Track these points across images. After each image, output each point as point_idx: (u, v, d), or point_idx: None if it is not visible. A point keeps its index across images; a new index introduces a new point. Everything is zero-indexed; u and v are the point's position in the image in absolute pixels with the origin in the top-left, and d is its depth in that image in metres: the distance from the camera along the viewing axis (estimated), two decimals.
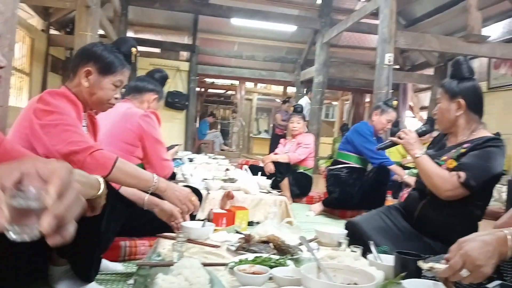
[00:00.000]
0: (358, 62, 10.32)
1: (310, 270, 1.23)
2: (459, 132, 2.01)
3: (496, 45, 6.03)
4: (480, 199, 1.95)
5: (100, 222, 1.52)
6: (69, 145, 1.53)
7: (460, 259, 1.00)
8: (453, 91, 1.97)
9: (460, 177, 1.83)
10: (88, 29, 4.89)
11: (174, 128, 9.51)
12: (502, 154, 1.88)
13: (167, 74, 2.76)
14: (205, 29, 9.60)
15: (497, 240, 0.99)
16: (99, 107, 1.78)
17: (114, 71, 1.73)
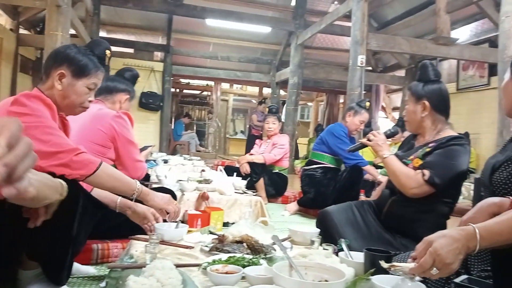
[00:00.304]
0: (332, 64, 10.47)
1: (282, 268, 1.25)
2: (426, 133, 2.09)
3: (464, 48, 6.23)
4: (447, 197, 2.01)
5: (72, 225, 1.50)
6: (53, 146, 1.51)
7: (430, 258, 1.02)
8: (419, 94, 2.06)
9: (425, 175, 1.90)
10: (59, 28, 4.79)
11: (149, 129, 9.40)
12: (466, 152, 1.95)
13: (138, 72, 2.72)
14: (179, 29, 9.54)
15: (466, 236, 1.01)
16: (71, 110, 1.75)
17: (88, 74, 1.70)
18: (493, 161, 1.41)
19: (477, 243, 1.00)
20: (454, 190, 2.03)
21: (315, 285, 1.14)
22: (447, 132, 2.03)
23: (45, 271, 1.56)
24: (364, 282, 1.24)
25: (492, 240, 1.01)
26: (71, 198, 1.47)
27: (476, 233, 1.00)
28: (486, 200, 1.26)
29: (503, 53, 4.04)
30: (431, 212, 2.00)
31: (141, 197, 1.75)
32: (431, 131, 2.07)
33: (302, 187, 4.23)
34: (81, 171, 1.52)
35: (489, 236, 1.01)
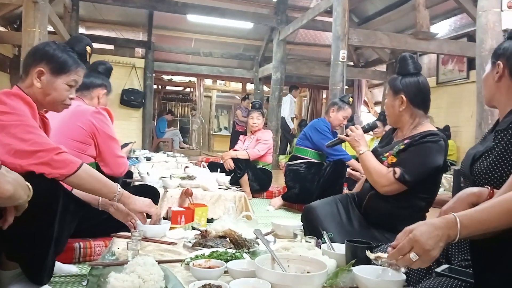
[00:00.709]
0: (314, 59, 10.51)
1: (265, 261, 1.25)
2: (404, 127, 2.10)
3: (444, 42, 6.33)
4: (424, 192, 2.03)
5: (51, 224, 1.48)
6: (33, 145, 1.48)
7: (408, 244, 1.03)
8: (396, 88, 2.06)
9: (396, 173, 1.93)
10: (37, 25, 4.70)
11: (131, 126, 9.30)
12: (440, 149, 1.97)
13: (111, 65, 2.68)
14: (160, 25, 9.43)
15: (447, 224, 1.02)
16: (53, 107, 1.72)
17: (68, 71, 1.67)
18: (473, 151, 1.44)
19: (458, 232, 1.01)
20: (431, 186, 2.05)
21: (297, 277, 1.15)
22: (425, 127, 2.05)
23: (25, 271, 1.54)
24: (346, 273, 1.26)
25: (473, 228, 1.03)
26: (51, 197, 1.45)
27: (457, 221, 1.01)
28: (465, 190, 1.28)
29: (480, 47, 4.12)
30: (408, 207, 2.02)
31: (122, 201, 1.72)
32: (409, 125, 2.07)
33: (286, 182, 4.25)
34: (61, 171, 1.50)
35: (470, 224, 1.02)
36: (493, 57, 1.45)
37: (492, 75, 1.44)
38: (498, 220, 1.00)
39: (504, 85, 1.41)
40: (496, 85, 1.43)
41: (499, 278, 1.04)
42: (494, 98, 1.46)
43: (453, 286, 1.25)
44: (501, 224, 1.01)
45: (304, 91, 13.07)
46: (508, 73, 1.40)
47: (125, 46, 9.55)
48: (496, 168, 1.30)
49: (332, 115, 4.09)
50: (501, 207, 1.00)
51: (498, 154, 1.30)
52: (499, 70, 1.41)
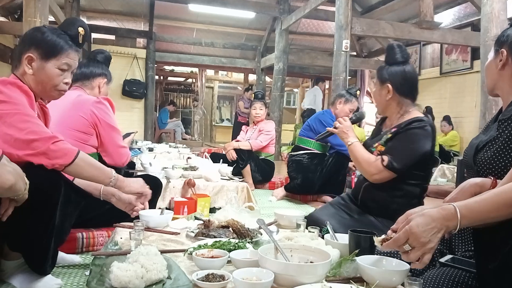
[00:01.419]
0: (317, 49, 10.44)
1: (268, 251, 1.25)
2: (392, 116, 2.12)
3: (447, 31, 6.27)
4: (416, 179, 2.04)
5: (53, 214, 1.48)
6: (30, 134, 1.46)
7: (403, 236, 1.03)
8: (383, 77, 2.08)
9: (384, 160, 1.96)
10: (37, 15, 4.67)
11: (133, 117, 9.30)
12: (426, 135, 1.98)
13: (110, 54, 2.64)
14: (162, 15, 9.37)
15: (445, 215, 1.02)
16: (48, 95, 1.68)
17: (57, 54, 1.62)
18: (476, 141, 1.43)
19: (458, 222, 1.01)
20: (423, 172, 2.06)
21: (300, 267, 1.15)
22: (412, 114, 2.06)
23: (28, 261, 1.54)
24: (349, 262, 1.26)
25: (473, 218, 1.03)
26: (52, 188, 1.44)
27: (456, 212, 1.01)
28: (468, 181, 1.28)
29: (485, 36, 4.07)
30: (403, 195, 2.03)
31: (118, 185, 1.70)
32: (396, 114, 2.09)
33: (289, 173, 4.24)
34: (59, 161, 1.48)
35: (469, 214, 1.02)
36: (496, 45, 1.43)
37: (495, 63, 1.42)
38: (497, 210, 1.00)
39: (508, 73, 1.39)
40: (499, 73, 1.41)
41: (501, 266, 1.04)
42: (497, 86, 1.44)
43: (456, 276, 1.25)
44: (500, 215, 1.01)
45: (307, 82, 13.02)
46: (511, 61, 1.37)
47: (127, 36, 9.51)
48: (500, 157, 1.28)
49: (338, 107, 4.03)
50: (501, 198, 1.00)
51: (502, 144, 1.29)
52: (502, 58, 1.39)
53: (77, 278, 1.79)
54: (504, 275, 1.02)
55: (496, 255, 1.07)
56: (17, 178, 1.16)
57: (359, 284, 1.13)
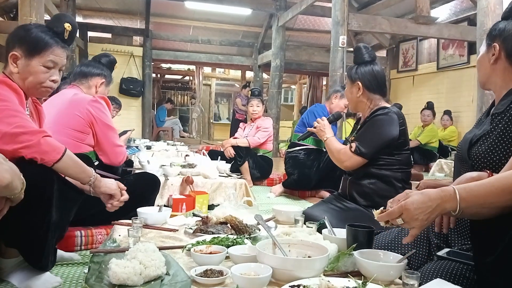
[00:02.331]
0: (314, 45, 10.44)
1: (266, 246, 1.25)
2: (364, 111, 2.25)
3: (444, 26, 6.27)
4: (393, 164, 2.14)
5: (48, 209, 1.48)
6: (18, 127, 1.46)
7: (398, 210, 1.07)
8: (353, 76, 2.22)
9: (352, 147, 2.11)
10: (33, 14, 4.64)
11: (131, 115, 9.28)
12: (390, 120, 2.10)
13: (115, 58, 2.65)
14: (158, 13, 9.35)
15: (443, 196, 1.03)
16: (35, 92, 1.66)
17: (41, 51, 1.59)
18: (470, 136, 1.44)
19: (457, 204, 1.02)
20: (398, 157, 2.16)
21: (298, 261, 1.15)
22: (379, 106, 2.18)
23: (25, 257, 1.54)
24: (347, 257, 1.26)
25: (471, 202, 1.03)
26: (44, 183, 1.44)
27: (456, 194, 1.02)
28: (465, 175, 1.28)
29: (481, 31, 4.08)
30: (387, 182, 2.13)
31: (95, 184, 1.68)
32: (367, 109, 2.22)
33: (286, 169, 4.25)
34: (49, 156, 1.48)
35: (468, 197, 1.02)
36: (488, 39, 1.43)
37: (488, 57, 1.42)
38: (497, 196, 1.00)
39: (500, 67, 1.39)
40: (491, 67, 1.41)
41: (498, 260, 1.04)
42: (489, 80, 1.45)
43: (454, 269, 1.26)
44: (499, 201, 1.01)
45: (304, 78, 13.01)
46: (504, 55, 1.38)
47: (123, 34, 9.48)
48: (495, 151, 1.29)
49: (334, 102, 4.07)
50: (500, 184, 1.01)
51: (496, 137, 1.30)
52: (495, 52, 1.39)
53: (76, 276, 1.79)
54: (502, 268, 1.03)
55: (493, 248, 1.07)
56: (13, 176, 1.16)
57: (357, 278, 1.14)
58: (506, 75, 1.39)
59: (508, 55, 1.37)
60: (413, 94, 8.60)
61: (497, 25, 1.42)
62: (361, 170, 2.18)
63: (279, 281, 1.13)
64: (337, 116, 2.62)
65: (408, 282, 1.08)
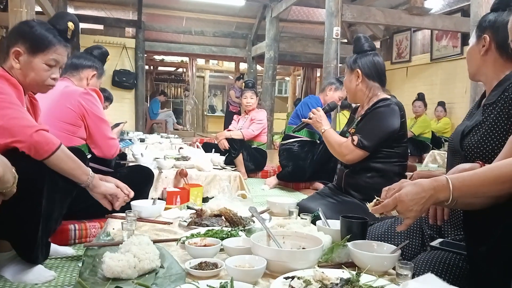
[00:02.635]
0: (308, 37, 10.40)
1: (260, 238, 1.26)
2: (363, 102, 2.23)
3: (438, 17, 6.27)
4: (392, 157, 2.13)
5: (39, 201, 1.47)
6: (13, 120, 1.45)
7: (392, 202, 1.07)
8: (351, 64, 2.22)
9: (354, 140, 2.08)
10: (23, 5, 4.57)
11: (124, 108, 9.21)
12: (392, 112, 2.08)
13: (107, 50, 2.62)
14: (151, 4, 9.25)
15: (436, 186, 1.04)
16: (36, 89, 1.67)
17: (44, 49, 1.60)
18: (461, 127, 1.45)
19: (450, 193, 1.02)
20: (397, 150, 2.15)
21: (292, 253, 1.16)
22: (379, 97, 2.16)
23: (17, 249, 1.53)
24: (341, 248, 1.27)
25: (464, 191, 1.03)
26: (35, 174, 1.43)
27: (448, 183, 1.03)
28: (458, 167, 1.29)
29: (475, 22, 4.06)
30: (383, 175, 2.12)
31: (93, 183, 1.65)
32: (366, 98, 2.20)
33: (281, 161, 4.26)
34: (43, 149, 1.46)
35: (461, 186, 1.03)
36: (478, 30, 1.43)
37: (478, 48, 1.43)
38: (489, 185, 1.01)
39: (491, 59, 1.40)
40: (482, 58, 1.42)
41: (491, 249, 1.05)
42: (480, 72, 1.46)
43: (447, 259, 1.27)
44: (491, 190, 1.02)
45: (298, 70, 12.98)
46: (495, 46, 1.38)
47: (115, 25, 9.38)
48: (487, 141, 1.30)
49: (328, 94, 4.07)
50: (493, 173, 1.01)
51: (488, 128, 1.30)
52: (485, 43, 1.39)
53: (70, 269, 1.79)
54: (495, 258, 1.04)
55: (486, 238, 1.08)
56: (5, 169, 1.15)
57: (351, 269, 1.14)
58: (497, 66, 1.40)
59: (499, 46, 1.38)
60: (407, 85, 8.61)
61: (486, 17, 1.43)
62: (359, 163, 2.16)
63: (274, 273, 1.13)
64: (333, 106, 2.60)
65: (401, 272, 1.09)
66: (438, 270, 1.25)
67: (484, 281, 1.09)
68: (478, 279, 1.12)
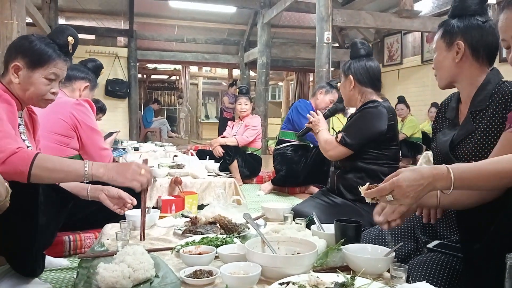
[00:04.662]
0: (300, 42, 10.45)
1: (255, 244, 1.26)
2: (357, 106, 2.27)
3: (427, 19, 6.33)
4: (381, 158, 2.16)
5: (33, 215, 1.45)
6: None
7: (389, 187, 1.04)
8: (346, 70, 2.26)
9: (338, 137, 2.15)
10: (14, 17, 4.56)
11: (117, 117, 9.19)
12: (379, 114, 2.11)
13: (101, 63, 2.63)
14: (142, 12, 9.26)
15: (435, 175, 1.02)
16: (35, 103, 1.66)
17: (44, 64, 1.60)
18: (446, 138, 1.44)
19: (451, 183, 1.00)
20: (386, 152, 2.17)
21: (287, 258, 1.16)
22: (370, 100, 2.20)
23: (12, 265, 1.52)
24: (336, 252, 1.27)
25: (462, 182, 1.02)
26: (30, 188, 1.41)
27: (450, 173, 1.01)
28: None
29: None
30: (372, 177, 2.12)
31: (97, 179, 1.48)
32: (359, 103, 2.25)
33: (275, 166, 4.26)
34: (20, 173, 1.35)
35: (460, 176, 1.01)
36: (448, 38, 1.42)
37: (451, 56, 1.41)
38: (487, 180, 1.01)
39: (466, 64, 1.40)
40: (457, 65, 1.41)
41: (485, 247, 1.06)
42: (456, 79, 1.45)
43: (444, 261, 1.28)
44: (488, 184, 1.02)
45: (291, 75, 13.03)
46: (469, 51, 1.39)
47: (107, 35, 9.38)
48: (484, 147, 1.30)
49: (319, 98, 4.10)
50: (492, 167, 1.01)
51: (483, 134, 1.31)
52: (459, 50, 1.39)
53: (65, 281, 1.77)
54: (489, 255, 1.04)
55: (479, 236, 1.09)
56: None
57: (346, 272, 1.15)
58: (473, 71, 1.40)
59: (473, 51, 1.38)
60: (399, 87, 8.67)
61: (451, 23, 1.42)
62: (348, 163, 2.19)
63: (269, 279, 1.13)
64: (333, 110, 2.62)
65: (396, 274, 1.09)
66: (434, 272, 1.26)
67: (478, 279, 1.10)
68: (473, 277, 1.13)
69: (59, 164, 1.45)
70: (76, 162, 1.49)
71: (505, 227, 0.99)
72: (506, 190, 1.03)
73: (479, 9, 1.41)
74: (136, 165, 1.52)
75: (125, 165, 1.53)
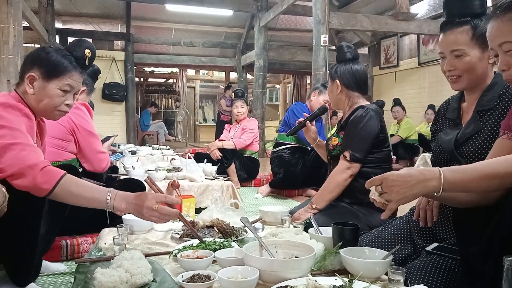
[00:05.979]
0: (297, 45, 10.48)
1: (252, 248, 1.25)
2: (344, 109, 2.27)
3: (423, 22, 6.36)
4: (373, 162, 2.13)
5: (36, 225, 1.45)
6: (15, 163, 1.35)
7: (378, 179, 1.09)
8: (332, 74, 2.25)
9: (346, 156, 2.09)
10: (11, 21, 4.57)
11: (114, 121, 9.19)
12: (370, 117, 2.10)
13: (99, 68, 2.64)
14: (139, 16, 9.28)
15: (426, 175, 1.03)
16: (48, 115, 1.65)
17: (59, 75, 1.59)
18: (448, 137, 1.44)
19: (441, 184, 1.02)
20: (379, 153, 2.15)
21: (285, 262, 1.16)
22: (358, 104, 2.19)
23: (10, 273, 1.51)
24: (333, 255, 1.27)
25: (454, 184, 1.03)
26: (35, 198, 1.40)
27: (440, 174, 1.02)
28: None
29: None
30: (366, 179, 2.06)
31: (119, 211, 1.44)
32: (346, 106, 2.25)
33: (272, 169, 4.26)
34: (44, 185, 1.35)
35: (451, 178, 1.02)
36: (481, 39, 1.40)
37: (487, 56, 1.38)
38: (478, 182, 1.01)
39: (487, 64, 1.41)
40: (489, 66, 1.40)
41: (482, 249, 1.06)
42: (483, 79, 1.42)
43: (443, 264, 1.28)
44: (479, 187, 1.02)
45: (288, 78, 13.05)
46: None
47: (104, 39, 9.39)
48: (490, 146, 1.31)
49: (313, 99, 4.11)
50: (484, 169, 1.01)
51: (490, 133, 1.32)
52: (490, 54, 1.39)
53: (62, 286, 1.77)
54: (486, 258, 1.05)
55: (477, 239, 1.09)
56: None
57: (344, 276, 1.15)
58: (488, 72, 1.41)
59: None
60: (395, 90, 8.70)
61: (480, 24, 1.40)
62: None
63: (267, 283, 1.13)
64: (323, 109, 2.57)
65: (394, 278, 1.09)
66: (433, 275, 1.26)
67: (476, 281, 1.10)
68: (470, 280, 1.13)
69: (82, 190, 1.42)
70: (99, 191, 1.44)
71: (502, 229, 1.00)
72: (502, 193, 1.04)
73: None
74: (150, 203, 1.38)
75: (141, 203, 1.39)
